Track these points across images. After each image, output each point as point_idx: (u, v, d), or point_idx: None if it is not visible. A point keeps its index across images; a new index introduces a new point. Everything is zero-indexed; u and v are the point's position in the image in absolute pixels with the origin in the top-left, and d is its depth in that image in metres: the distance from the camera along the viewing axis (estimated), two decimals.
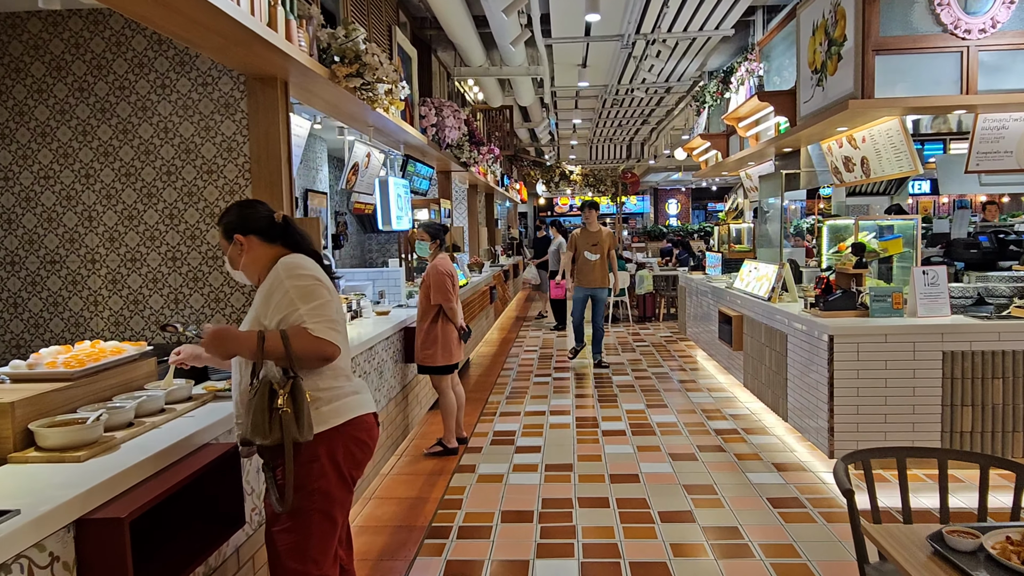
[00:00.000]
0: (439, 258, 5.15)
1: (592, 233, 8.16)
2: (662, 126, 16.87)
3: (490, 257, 13.65)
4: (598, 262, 8.15)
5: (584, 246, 8.16)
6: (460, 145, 8.52)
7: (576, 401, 6.86)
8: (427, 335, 5.10)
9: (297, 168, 6.26)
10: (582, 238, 8.21)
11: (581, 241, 8.19)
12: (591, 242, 8.13)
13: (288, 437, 2.13)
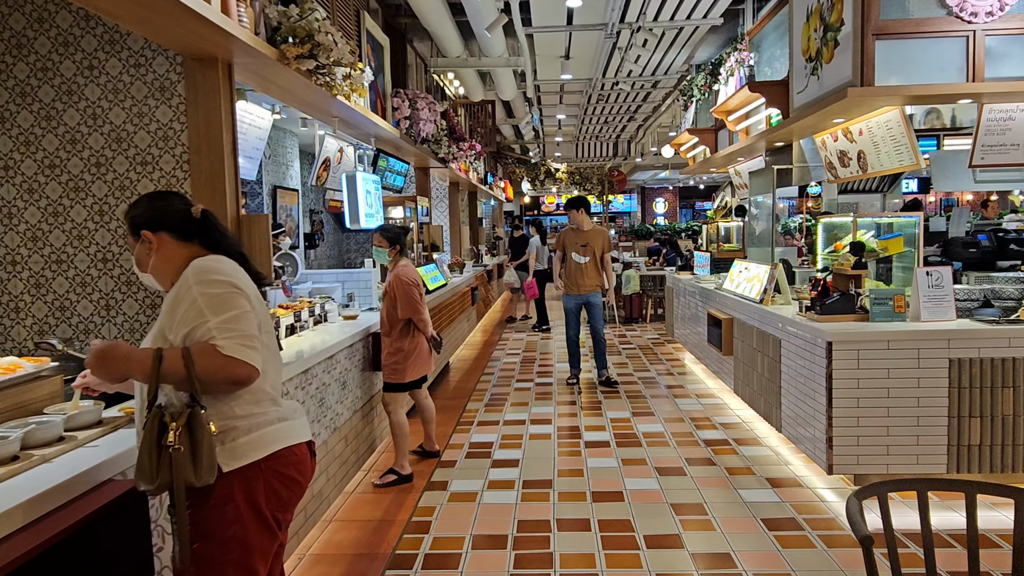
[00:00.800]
0: (401, 265, 4.75)
1: (582, 233, 7.16)
2: (649, 123, 16.56)
3: (473, 257, 13.27)
4: (589, 265, 7.14)
5: (572, 247, 7.18)
6: (438, 140, 8.14)
7: (559, 409, 6.50)
8: (396, 349, 4.70)
9: (259, 162, 5.86)
10: (570, 238, 7.19)
11: (569, 241, 7.18)
12: (580, 242, 7.14)
13: (179, 481, 1.76)
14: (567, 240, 7.22)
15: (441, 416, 6.39)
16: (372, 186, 5.78)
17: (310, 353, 3.88)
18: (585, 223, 7.18)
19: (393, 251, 4.77)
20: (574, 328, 7.44)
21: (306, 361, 3.73)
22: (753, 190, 7.28)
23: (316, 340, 4.44)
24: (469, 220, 14.90)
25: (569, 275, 7.23)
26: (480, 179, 13.94)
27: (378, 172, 6.37)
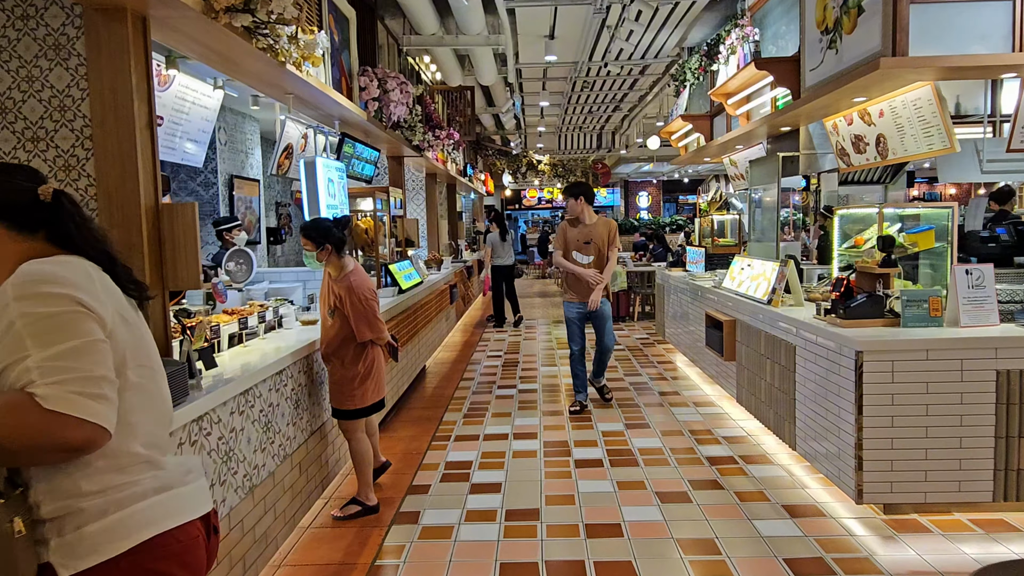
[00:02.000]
0: (350, 272, 3.97)
1: (584, 227, 5.92)
2: (634, 113, 16.00)
3: (452, 252, 12.64)
4: (593, 267, 5.90)
5: (574, 244, 5.94)
6: (412, 126, 7.49)
7: (545, 420, 5.90)
8: (351, 370, 3.97)
9: (206, 147, 5.19)
10: (571, 233, 5.98)
11: (571, 236, 5.97)
12: (582, 238, 5.89)
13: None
14: (567, 237, 6.01)
15: (415, 429, 5.77)
16: (335, 174, 5.15)
17: (253, 369, 3.25)
18: (587, 214, 5.92)
19: (323, 253, 3.93)
20: (578, 342, 6.08)
21: (245, 380, 3.09)
22: (753, 180, 6.72)
23: (270, 349, 3.81)
24: (448, 214, 14.25)
25: (569, 279, 6.06)
26: (459, 171, 13.30)
27: (343, 159, 5.73)
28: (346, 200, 5.60)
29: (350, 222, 4.15)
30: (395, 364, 6.03)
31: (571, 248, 5.96)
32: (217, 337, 3.59)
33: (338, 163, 5.43)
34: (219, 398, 2.85)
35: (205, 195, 6.74)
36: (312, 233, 3.94)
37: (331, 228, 3.98)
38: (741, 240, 9.14)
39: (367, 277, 4.04)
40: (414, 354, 7.10)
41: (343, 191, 5.47)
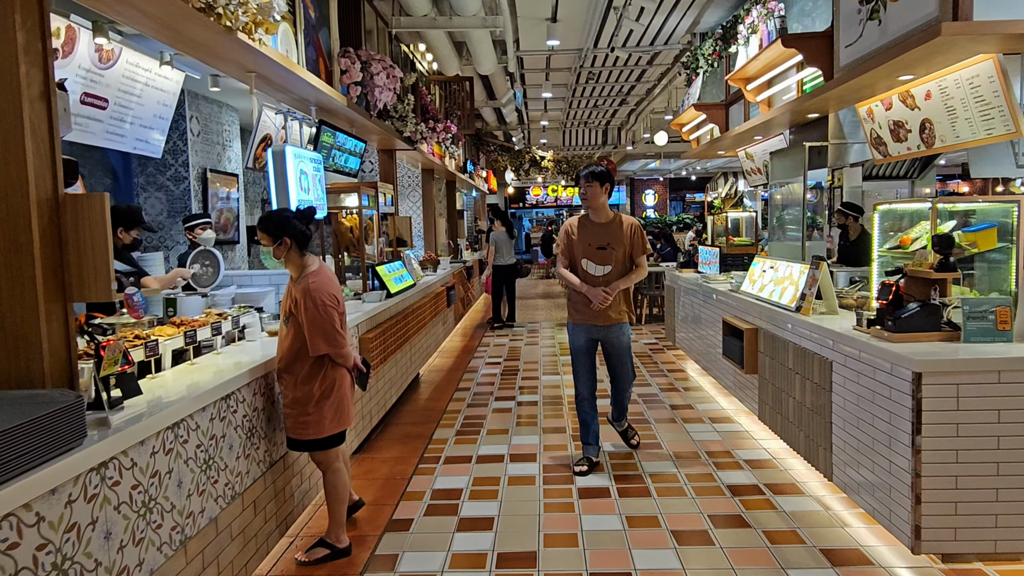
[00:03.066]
0: (311, 272, 3.37)
1: (599, 226, 4.48)
2: (642, 107, 15.41)
3: (451, 252, 12.08)
4: (611, 278, 4.46)
5: (583, 249, 4.49)
6: (403, 116, 6.93)
7: (546, 439, 5.33)
8: (304, 395, 3.37)
9: (166, 136, 4.64)
10: (581, 233, 4.52)
11: (580, 239, 4.51)
12: (597, 241, 4.45)
13: None
14: (576, 239, 4.51)
15: (402, 449, 5.20)
16: (310, 166, 4.59)
17: (192, 394, 2.69)
18: (605, 210, 4.50)
19: (280, 248, 3.34)
20: (586, 381, 4.63)
21: (174, 410, 2.53)
22: (774, 174, 6.13)
23: (226, 366, 3.26)
24: (447, 212, 13.70)
25: (576, 295, 4.58)
26: (459, 167, 12.74)
27: (322, 150, 5.16)
28: (323, 195, 5.04)
29: (314, 214, 3.53)
30: (382, 383, 5.47)
31: (579, 255, 4.50)
32: (155, 355, 3.02)
33: (313, 154, 4.86)
34: (132, 437, 2.28)
35: (176, 190, 6.18)
36: (267, 224, 3.36)
37: (290, 219, 3.38)
38: (757, 239, 8.55)
39: (331, 280, 3.44)
40: (404, 363, 6.54)
41: (319, 185, 4.91)
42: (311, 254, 3.49)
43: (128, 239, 4.32)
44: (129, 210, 4.36)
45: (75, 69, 3.54)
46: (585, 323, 4.60)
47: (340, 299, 3.42)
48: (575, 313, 4.65)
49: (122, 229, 4.28)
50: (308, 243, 3.44)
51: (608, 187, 4.47)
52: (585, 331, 4.63)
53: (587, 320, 4.57)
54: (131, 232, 4.31)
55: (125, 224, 4.27)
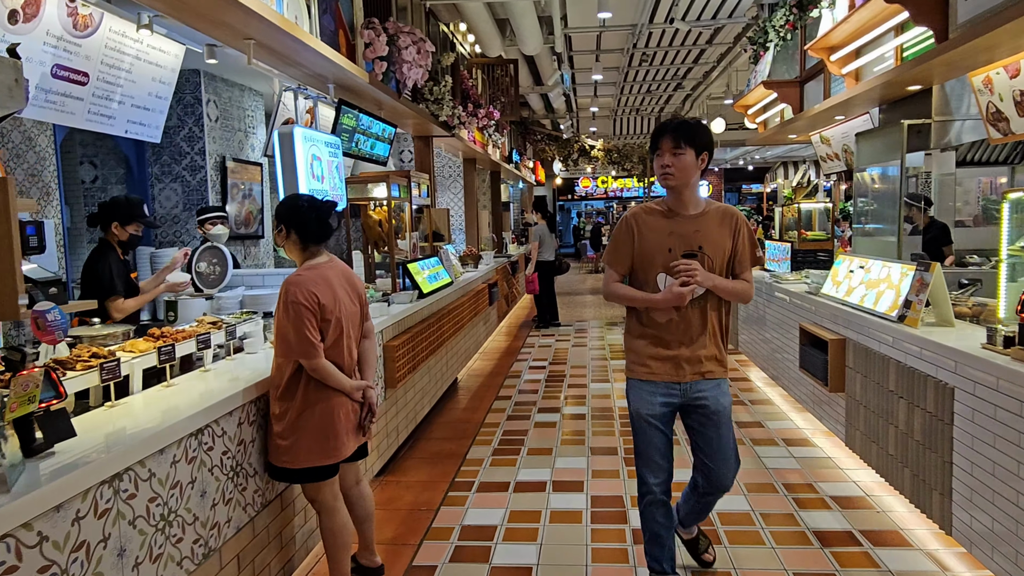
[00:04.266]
0: (303, 269, 2.87)
1: (685, 221, 2.75)
2: (698, 92, 14.50)
3: (494, 247, 11.46)
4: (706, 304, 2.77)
5: (659, 257, 2.76)
6: (439, 99, 6.31)
7: (594, 462, 4.67)
8: (282, 409, 2.80)
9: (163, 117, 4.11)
10: (654, 232, 2.78)
11: (652, 240, 2.78)
12: (682, 244, 2.73)
13: None
14: (643, 238, 2.79)
15: (431, 472, 4.61)
16: (324, 150, 4.01)
17: (144, 433, 2.12)
18: (695, 195, 2.78)
19: (280, 236, 2.91)
20: (658, 471, 2.94)
21: (111, 459, 1.97)
22: (861, 158, 5.32)
23: (212, 388, 2.71)
24: (491, 204, 13.08)
25: (646, 327, 2.84)
26: (504, 156, 12.11)
27: (341, 133, 4.58)
28: (341, 184, 4.45)
29: (333, 208, 2.97)
30: (411, 394, 4.89)
31: (650, 266, 2.76)
32: (114, 377, 2.47)
33: (329, 137, 4.27)
34: (41, 504, 1.71)
35: (192, 181, 5.70)
36: (278, 208, 2.95)
37: (299, 208, 2.89)
38: (833, 234, 7.70)
39: (322, 279, 2.83)
40: (439, 370, 5.95)
41: (337, 173, 4.32)
42: (324, 251, 2.98)
43: (124, 235, 3.83)
44: (127, 202, 3.86)
45: (42, 36, 3.02)
46: (659, 379, 2.78)
47: (327, 301, 2.79)
48: (640, 364, 2.82)
49: (117, 224, 3.81)
50: (314, 237, 2.92)
51: (706, 157, 2.69)
52: (659, 392, 2.79)
53: (663, 374, 2.77)
54: (128, 227, 3.81)
55: (121, 218, 3.79)
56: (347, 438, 2.88)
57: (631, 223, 2.83)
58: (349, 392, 2.87)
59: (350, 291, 2.99)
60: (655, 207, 2.84)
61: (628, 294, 2.82)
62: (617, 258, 2.86)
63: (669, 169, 2.68)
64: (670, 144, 2.67)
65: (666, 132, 2.69)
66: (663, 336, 2.79)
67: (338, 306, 2.86)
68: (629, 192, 30.95)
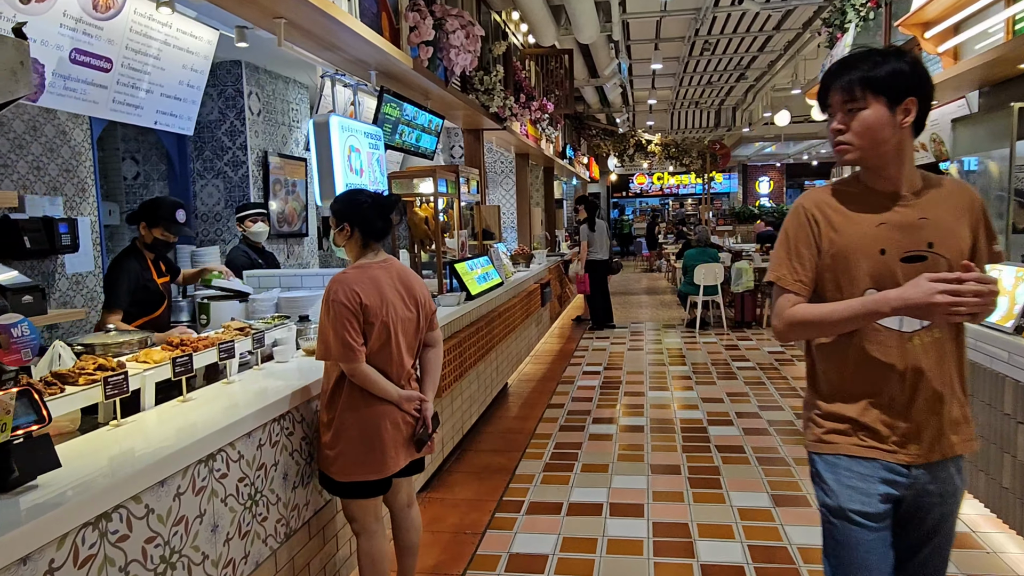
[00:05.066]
0: (352, 268, 2.64)
1: (899, 206, 1.71)
2: (762, 83, 13.83)
3: (547, 245, 11.09)
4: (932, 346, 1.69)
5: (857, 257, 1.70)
6: (489, 89, 5.97)
7: (654, 482, 4.26)
8: (328, 417, 2.60)
9: (196, 108, 3.87)
10: (847, 221, 1.73)
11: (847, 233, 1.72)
12: (902, 237, 1.68)
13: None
14: (837, 234, 1.74)
15: (477, 488, 4.27)
16: (364, 141, 3.71)
17: (130, 470, 1.84)
18: (908, 171, 1.73)
19: (342, 235, 2.69)
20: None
21: (95, 498, 1.68)
22: (958, 147, 4.76)
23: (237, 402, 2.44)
24: (544, 201, 12.71)
25: (856, 368, 1.74)
26: (557, 152, 11.73)
27: (384, 123, 4.27)
28: (382, 177, 4.15)
29: (395, 204, 2.71)
30: (459, 402, 4.57)
31: (848, 277, 1.73)
32: (119, 392, 2.20)
33: (369, 127, 3.97)
34: (7, 554, 1.43)
35: (234, 176, 5.50)
36: (336, 203, 2.74)
37: (362, 204, 2.69)
38: None
39: (373, 280, 2.61)
40: (488, 375, 5.62)
41: (378, 166, 4.01)
42: (382, 250, 2.75)
43: (149, 239, 3.57)
44: (155, 204, 3.61)
45: (58, 17, 2.79)
46: (878, 455, 1.74)
47: (371, 302, 2.56)
48: (841, 432, 1.80)
49: (144, 225, 3.57)
50: (377, 235, 2.71)
51: (913, 106, 1.66)
52: (878, 477, 1.75)
53: (886, 449, 1.74)
54: (153, 231, 3.55)
55: (148, 220, 3.54)
56: (395, 451, 2.61)
57: (811, 214, 1.78)
58: (397, 402, 2.60)
59: (405, 294, 2.71)
60: (846, 187, 1.79)
61: (829, 312, 1.69)
62: (794, 269, 1.77)
63: (842, 136, 1.70)
64: (841, 96, 1.70)
65: (837, 78, 1.71)
66: (883, 387, 1.72)
67: (386, 309, 2.58)
68: (685, 189, 30.15)
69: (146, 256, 3.59)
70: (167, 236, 3.55)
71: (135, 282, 3.54)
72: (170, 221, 3.52)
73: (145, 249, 3.60)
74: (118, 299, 3.43)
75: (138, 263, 3.55)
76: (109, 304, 3.44)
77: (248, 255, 4.65)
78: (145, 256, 3.59)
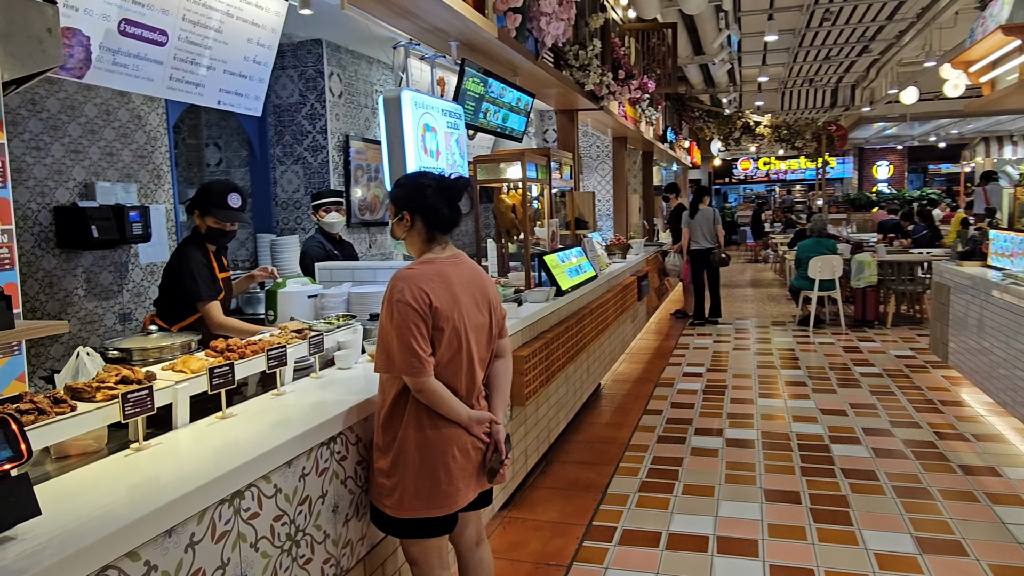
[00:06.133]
0: (419, 263, 2.22)
1: None
2: (888, 56, 12.57)
3: (645, 234, 10.46)
4: None
5: None
6: (585, 65, 5.46)
7: (769, 512, 3.67)
8: (385, 441, 2.20)
9: (264, 87, 3.57)
10: None
11: None
12: None
13: None
14: None
15: (562, 507, 3.83)
16: (441, 120, 3.30)
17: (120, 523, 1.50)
18: None
19: (401, 226, 2.27)
20: None
21: (64, 565, 1.33)
22: None
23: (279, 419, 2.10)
24: (642, 188, 12.04)
25: None
26: (657, 135, 11.03)
27: (465, 101, 3.85)
28: (463, 161, 3.73)
29: (465, 187, 2.26)
30: (544, 409, 4.13)
31: None
32: (143, 411, 1.88)
33: (448, 104, 3.55)
34: None
35: (314, 162, 5.25)
36: (395, 190, 2.33)
37: (425, 188, 2.26)
38: None
39: (444, 279, 2.19)
40: (578, 378, 5.15)
41: (457, 147, 3.60)
42: (451, 243, 2.32)
43: (204, 227, 3.26)
44: (204, 190, 3.27)
45: None
46: None
47: (442, 304, 2.14)
48: None
49: (198, 213, 3.25)
50: (445, 225, 2.28)
51: None
52: None
53: None
54: (207, 219, 3.22)
55: (200, 207, 3.23)
56: (464, 483, 2.20)
57: None
58: (467, 424, 2.19)
59: (478, 297, 2.28)
60: None
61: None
62: None
63: None
64: None
65: None
66: None
67: (458, 313, 2.16)
68: (794, 174, 28.46)
69: (207, 247, 3.30)
70: (221, 224, 3.21)
71: (200, 273, 3.22)
72: (221, 207, 3.17)
73: (206, 240, 3.30)
74: (201, 288, 3.13)
75: (201, 253, 3.26)
76: (196, 296, 3.13)
77: (323, 246, 4.35)
78: (206, 247, 3.30)
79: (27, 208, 3.55)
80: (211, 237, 3.26)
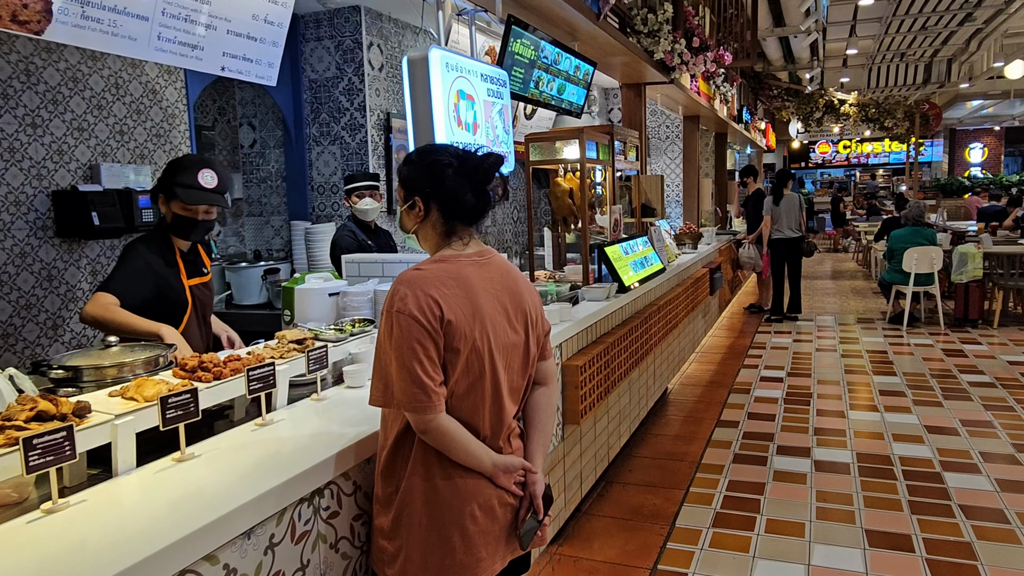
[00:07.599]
0: (442, 256, 1.68)
1: None
2: (992, 26, 11.34)
3: (717, 222, 9.68)
4: None
5: None
6: (655, 32, 4.83)
7: (874, 560, 3.02)
8: (385, 492, 1.67)
9: (279, 55, 3.10)
10: None
11: None
12: None
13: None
14: None
15: (622, 542, 3.26)
16: (480, 86, 2.74)
17: None
18: None
19: (412, 215, 1.73)
20: None
21: None
22: None
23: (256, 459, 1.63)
24: (715, 172, 11.22)
25: None
26: (732, 114, 10.21)
27: (513, 67, 3.26)
28: (508, 137, 3.16)
29: (497, 166, 1.67)
30: (603, 423, 3.55)
31: None
32: (58, 459, 1.40)
33: (491, 68, 2.97)
34: None
35: (351, 142, 4.78)
36: (406, 169, 1.75)
37: (440, 165, 1.69)
38: None
39: (461, 282, 1.64)
40: (642, 384, 4.56)
41: (500, 120, 3.03)
42: (475, 237, 1.77)
43: (170, 216, 2.53)
44: (169, 167, 2.55)
45: None
46: None
47: (456, 317, 1.59)
48: None
49: (162, 198, 2.55)
50: (467, 214, 1.72)
51: None
52: None
53: None
54: (172, 204, 2.50)
55: (164, 190, 2.51)
56: (488, 549, 1.66)
57: None
58: (491, 474, 1.65)
59: (510, 307, 1.72)
60: None
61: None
62: None
63: None
64: None
65: None
66: None
67: (480, 328, 1.62)
68: (876, 158, 26.77)
69: (174, 244, 2.59)
70: (190, 211, 2.48)
71: (151, 276, 2.51)
72: (189, 187, 2.43)
73: (173, 233, 2.57)
74: (112, 279, 2.44)
75: (160, 252, 2.55)
76: (104, 284, 2.46)
77: (355, 235, 3.87)
78: (173, 244, 2.59)
79: (21, 192, 3.18)
80: (179, 228, 2.53)
